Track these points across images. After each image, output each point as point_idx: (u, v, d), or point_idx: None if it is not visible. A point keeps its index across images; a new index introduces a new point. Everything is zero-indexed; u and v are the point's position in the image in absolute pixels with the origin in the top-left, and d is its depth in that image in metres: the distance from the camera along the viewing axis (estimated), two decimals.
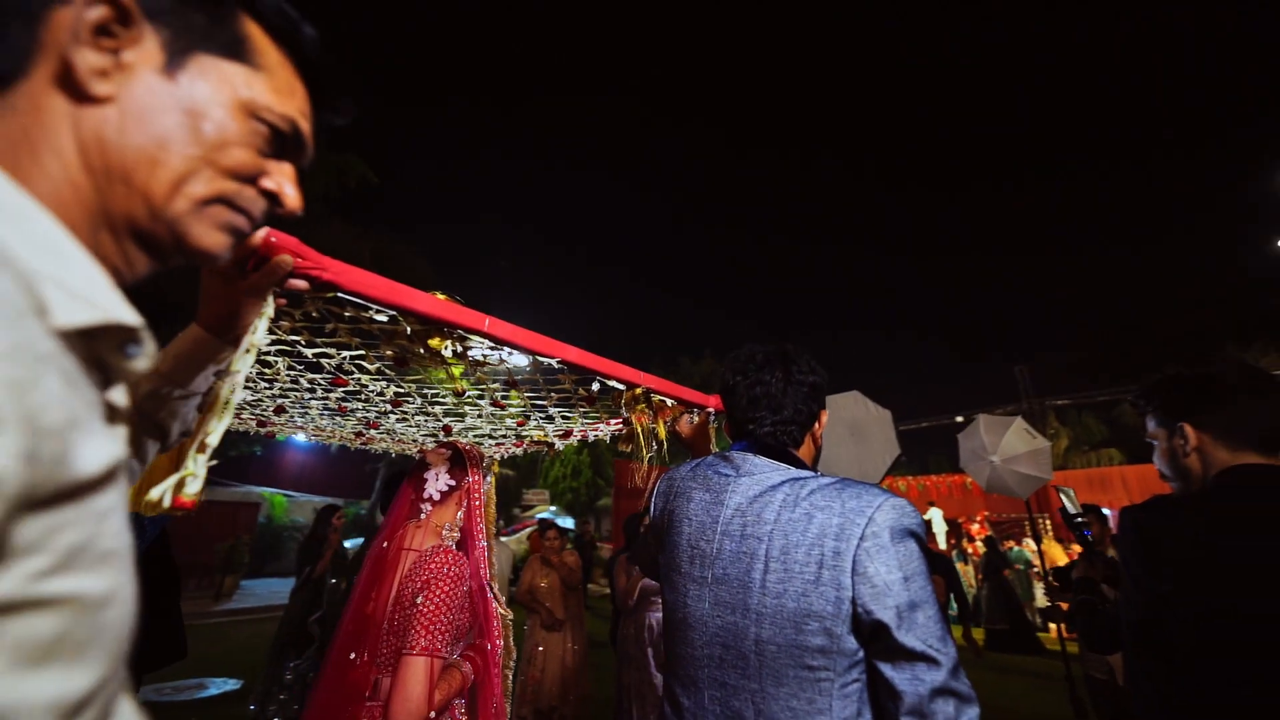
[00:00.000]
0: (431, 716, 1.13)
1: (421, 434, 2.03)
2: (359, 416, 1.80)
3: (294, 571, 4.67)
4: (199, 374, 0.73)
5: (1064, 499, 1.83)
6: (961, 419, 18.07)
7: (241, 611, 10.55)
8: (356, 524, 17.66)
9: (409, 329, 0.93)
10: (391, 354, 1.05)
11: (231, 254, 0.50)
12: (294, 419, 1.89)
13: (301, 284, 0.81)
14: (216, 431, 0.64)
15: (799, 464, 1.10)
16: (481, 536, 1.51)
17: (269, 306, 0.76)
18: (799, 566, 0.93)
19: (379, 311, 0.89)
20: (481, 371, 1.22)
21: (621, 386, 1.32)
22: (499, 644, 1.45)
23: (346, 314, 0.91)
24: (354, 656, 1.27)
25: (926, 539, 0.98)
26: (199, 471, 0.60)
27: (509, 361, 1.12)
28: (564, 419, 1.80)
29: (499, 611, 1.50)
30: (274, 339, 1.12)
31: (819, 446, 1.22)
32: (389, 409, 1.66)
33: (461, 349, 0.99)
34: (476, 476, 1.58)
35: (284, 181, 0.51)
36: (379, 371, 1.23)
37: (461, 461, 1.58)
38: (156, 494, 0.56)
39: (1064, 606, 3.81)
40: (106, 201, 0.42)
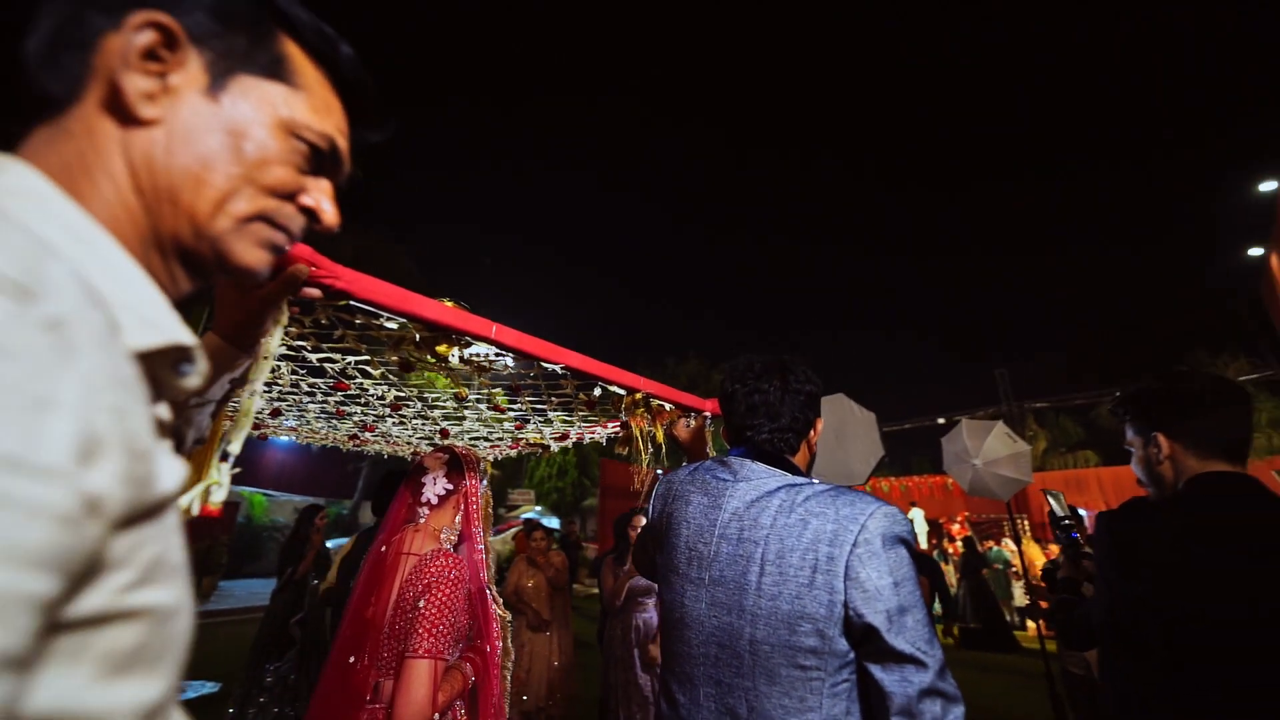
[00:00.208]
0: (435, 718, 1.14)
1: (417, 437, 2.03)
2: (356, 420, 1.80)
3: (274, 572, 4.60)
4: (215, 382, 0.74)
5: (1052, 502, 1.87)
6: (943, 421, 18.36)
7: (220, 613, 10.36)
8: (339, 524, 17.43)
9: (418, 336, 0.94)
10: (397, 360, 1.06)
11: (270, 270, 0.51)
12: (288, 421, 1.88)
13: (315, 292, 0.81)
14: (238, 440, 0.65)
15: (794, 470, 1.13)
16: (479, 539, 1.53)
17: (284, 315, 0.77)
18: (793, 570, 0.96)
19: (389, 319, 0.90)
20: (485, 377, 1.23)
21: (622, 392, 1.34)
22: (498, 645, 1.47)
23: (357, 321, 0.92)
24: (353, 660, 1.28)
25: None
26: (224, 480, 0.61)
27: (508, 365, 1.13)
28: (563, 422, 1.82)
29: (497, 613, 1.51)
30: (279, 344, 1.11)
31: (814, 453, 1.26)
32: (388, 412, 1.66)
33: (468, 355, 1.01)
34: (473, 480, 1.59)
35: (322, 198, 0.52)
36: (383, 376, 1.23)
37: (458, 466, 1.59)
38: (185, 502, 0.57)
39: (1044, 605, 3.91)
40: (155, 222, 0.43)
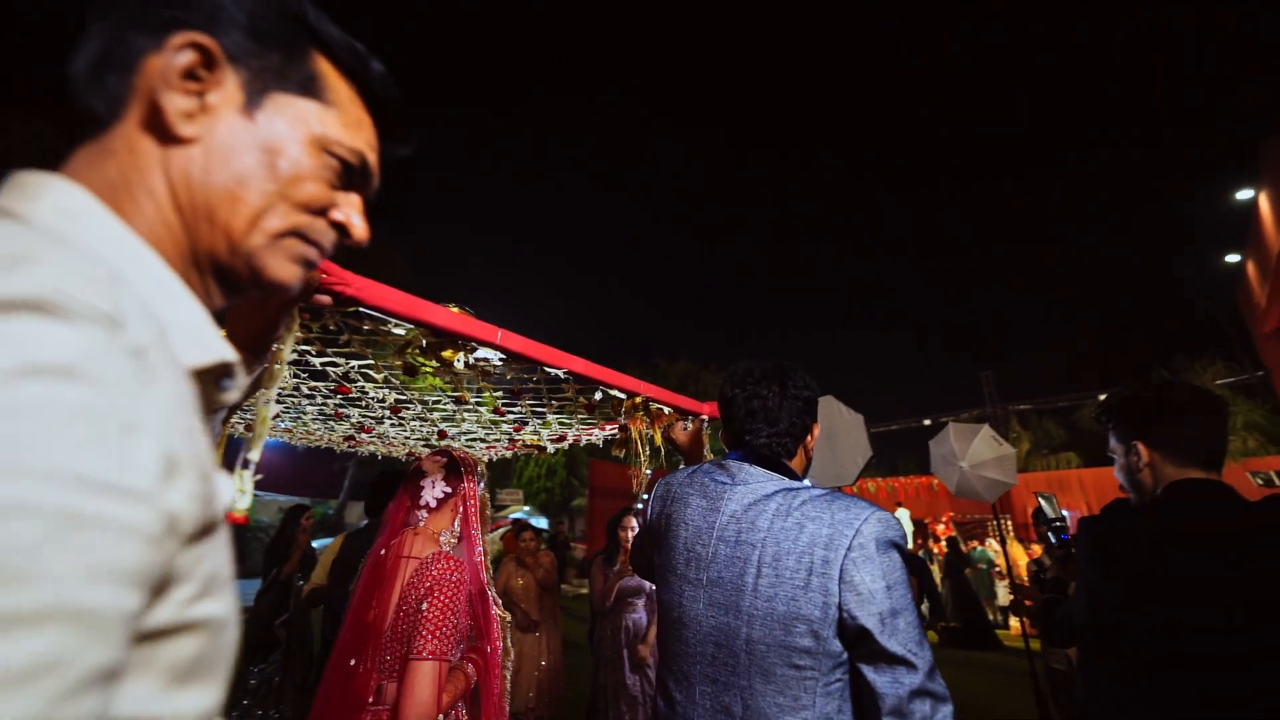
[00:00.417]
0: (439, 718, 1.15)
1: (414, 438, 2.03)
2: (354, 422, 1.80)
3: (258, 573, 4.54)
4: None
5: (1044, 504, 1.91)
6: (929, 422, 18.60)
7: None
8: (324, 524, 17.25)
9: (424, 341, 0.96)
10: (401, 364, 1.07)
11: (301, 285, 0.52)
12: (283, 423, 1.88)
13: (325, 299, 0.82)
14: (257, 448, 0.66)
15: (791, 474, 1.16)
16: (478, 541, 1.54)
17: (295, 322, 0.77)
18: (789, 572, 0.99)
19: (397, 325, 0.91)
20: (488, 381, 1.24)
21: (622, 395, 1.35)
22: (499, 645, 1.48)
23: (365, 327, 0.93)
24: (354, 663, 1.29)
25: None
26: (247, 488, 0.62)
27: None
28: (561, 425, 1.83)
29: (497, 614, 1.53)
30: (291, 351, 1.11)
31: (810, 457, 1.28)
32: (388, 415, 1.66)
33: (473, 360, 1.02)
34: (471, 483, 1.60)
35: (352, 212, 0.52)
36: (385, 380, 1.24)
37: (456, 469, 1.60)
38: None
39: (1029, 603, 3.99)
40: (192, 239, 0.44)
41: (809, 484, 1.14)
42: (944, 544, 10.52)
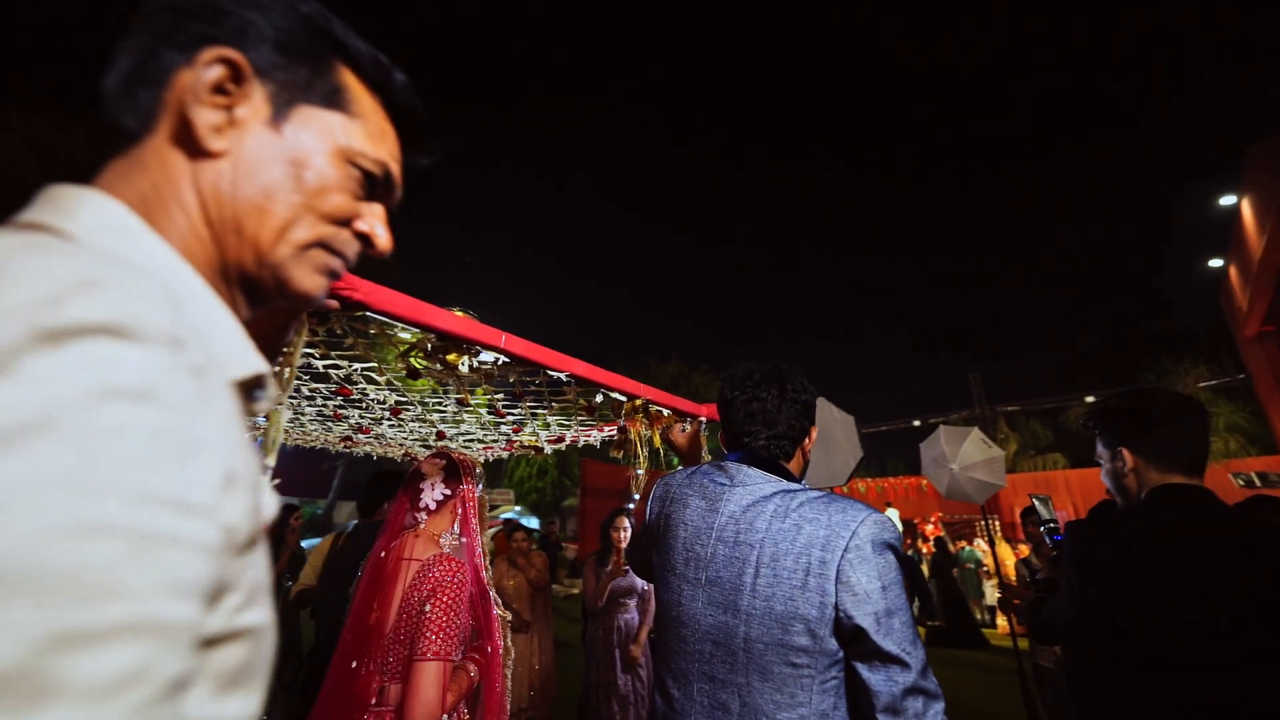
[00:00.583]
0: (445, 718, 1.16)
1: (412, 439, 2.03)
2: (352, 423, 1.79)
3: None
4: None
5: (1039, 505, 1.95)
6: (918, 423, 18.74)
7: None
8: (313, 524, 17.12)
9: (429, 345, 0.96)
10: (404, 367, 1.07)
11: (326, 295, 0.53)
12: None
13: (333, 303, 0.82)
14: (272, 454, 0.67)
15: (789, 476, 1.18)
16: (478, 542, 1.55)
17: (304, 327, 0.78)
18: (787, 573, 1.01)
19: (404, 329, 0.92)
20: (490, 383, 1.25)
21: (623, 398, 1.37)
22: (500, 644, 1.49)
23: (371, 331, 0.94)
24: (356, 665, 1.30)
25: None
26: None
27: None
28: (560, 426, 1.84)
29: (498, 613, 1.54)
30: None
31: (807, 460, 1.30)
32: (387, 416, 1.66)
33: (477, 364, 1.03)
34: (470, 484, 1.61)
35: (376, 223, 0.52)
36: (388, 383, 1.24)
37: (455, 471, 1.61)
38: None
39: (1017, 602, 4.04)
40: (221, 251, 0.44)
41: (806, 486, 1.16)
42: (932, 544, 10.63)
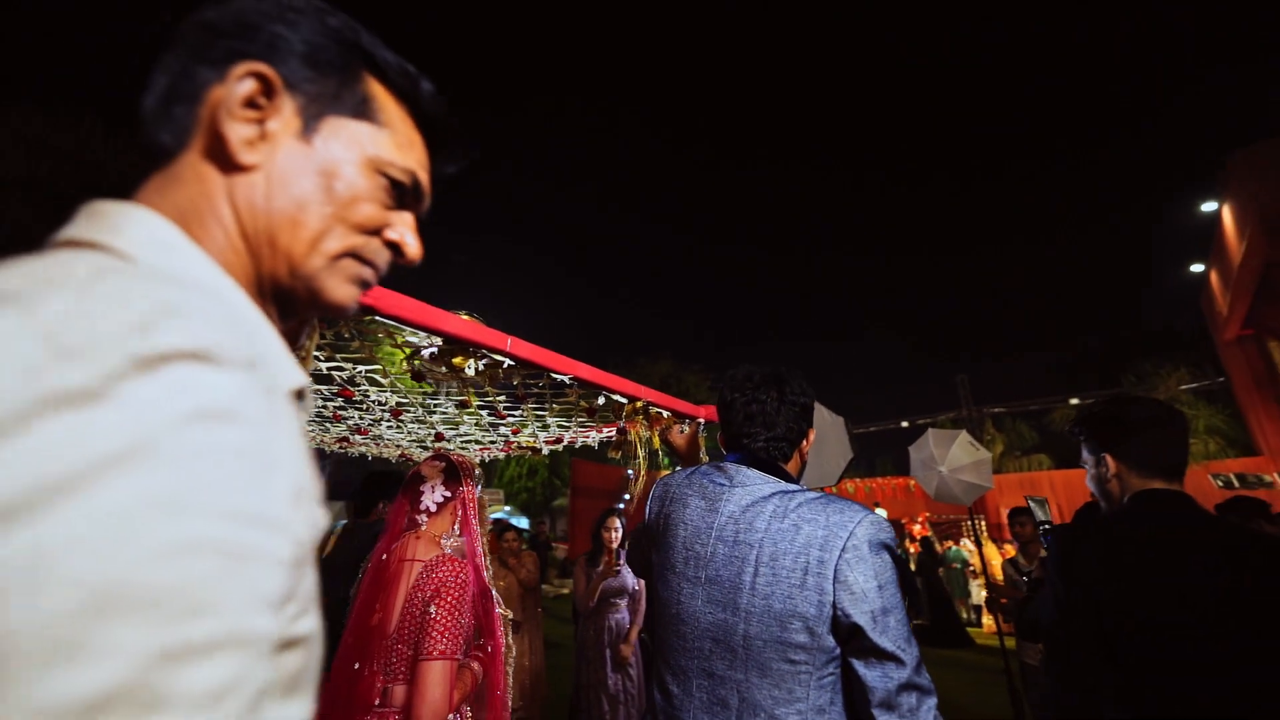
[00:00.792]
0: (451, 717, 1.17)
1: (411, 440, 2.04)
2: (350, 424, 1.79)
3: None
4: None
5: (1035, 507, 1.99)
6: (906, 424, 18.91)
7: None
8: None
9: (435, 348, 0.97)
10: (409, 370, 1.08)
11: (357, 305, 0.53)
12: None
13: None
14: None
15: (787, 477, 1.20)
16: (478, 543, 1.56)
17: (316, 331, 0.79)
18: (786, 572, 1.03)
19: (412, 332, 0.93)
20: (493, 386, 1.26)
21: (624, 400, 1.38)
22: (502, 642, 1.51)
23: (379, 335, 0.94)
24: (358, 667, 1.31)
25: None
26: None
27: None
28: (560, 427, 1.85)
29: (499, 612, 1.55)
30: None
31: (804, 461, 1.33)
32: (387, 417, 1.67)
33: (481, 366, 1.04)
34: (469, 486, 1.62)
35: (405, 231, 0.52)
36: (391, 385, 1.25)
37: (455, 473, 1.62)
38: None
39: (1004, 601, 4.10)
40: (256, 264, 0.45)
41: (804, 487, 1.18)
42: (918, 544, 10.74)
